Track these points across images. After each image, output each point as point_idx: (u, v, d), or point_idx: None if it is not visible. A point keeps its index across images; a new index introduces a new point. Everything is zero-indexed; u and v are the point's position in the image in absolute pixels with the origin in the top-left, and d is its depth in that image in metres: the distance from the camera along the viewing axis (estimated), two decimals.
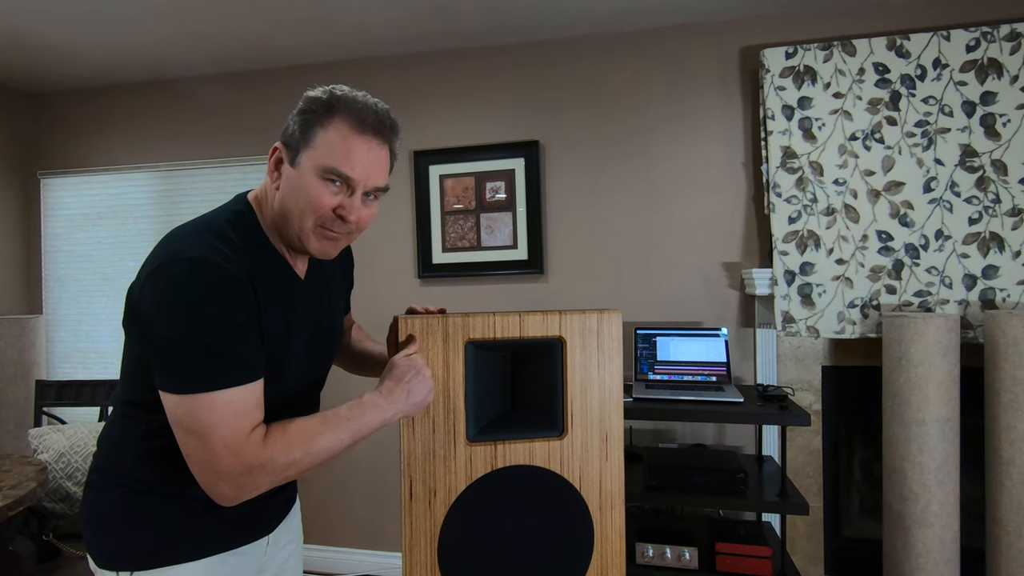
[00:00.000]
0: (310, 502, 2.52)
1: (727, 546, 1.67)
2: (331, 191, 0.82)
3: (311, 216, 0.82)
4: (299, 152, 0.82)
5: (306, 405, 0.99)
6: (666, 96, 2.21)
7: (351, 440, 0.85)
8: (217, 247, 0.79)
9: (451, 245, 2.37)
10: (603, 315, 1.03)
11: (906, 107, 1.90)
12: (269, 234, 0.88)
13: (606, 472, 1.04)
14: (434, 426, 0.97)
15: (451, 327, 0.97)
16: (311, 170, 0.81)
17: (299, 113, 0.84)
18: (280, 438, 0.80)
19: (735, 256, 2.16)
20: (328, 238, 0.85)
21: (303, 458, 0.80)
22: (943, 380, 1.69)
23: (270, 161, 0.86)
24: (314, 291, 0.96)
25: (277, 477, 0.79)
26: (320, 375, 1.02)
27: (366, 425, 0.86)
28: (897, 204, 1.90)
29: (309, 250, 0.86)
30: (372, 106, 0.85)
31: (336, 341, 1.05)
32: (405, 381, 0.89)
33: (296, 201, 0.82)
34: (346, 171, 0.81)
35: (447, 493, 0.97)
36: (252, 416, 0.79)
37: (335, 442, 0.83)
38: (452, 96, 2.39)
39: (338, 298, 1.06)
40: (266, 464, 0.78)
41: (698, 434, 2.17)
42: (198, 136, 2.63)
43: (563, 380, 1.02)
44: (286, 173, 0.84)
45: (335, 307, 1.04)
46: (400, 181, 2.44)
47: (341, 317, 1.08)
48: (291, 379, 0.91)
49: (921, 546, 1.70)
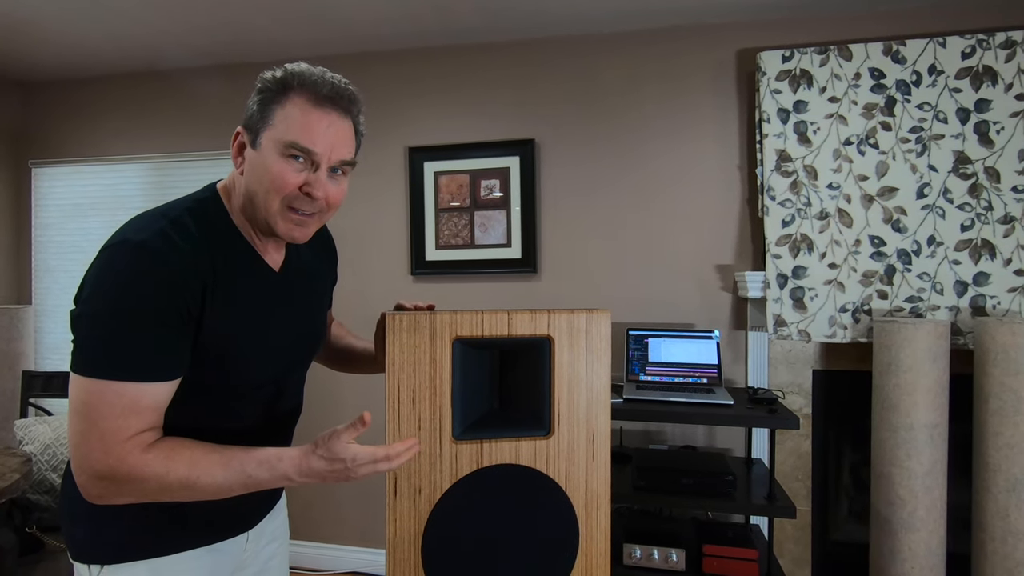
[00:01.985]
0: (297, 499, 2.51)
1: (714, 548, 1.67)
2: (294, 168, 0.79)
3: (276, 196, 0.79)
4: (259, 133, 0.80)
5: (285, 401, 0.96)
6: (661, 97, 2.21)
7: (242, 490, 0.79)
8: (168, 235, 0.75)
9: (445, 242, 2.36)
10: (591, 315, 1.03)
11: (901, 113, 1.91)
12: (239, 223, 0.85)
13: (592, 472, 1.04)
14: (420, 423, 0.96)
15: (439, 324, 0.96)
16: (272, 148, 0.78)
17: (256, 93, 0.81)
18: (163, 457, 0.75)
19: (728, 258, 2.16)
20: (296, 220, 0.82)
21: (180, 489, 0.75)
22: (932, 386, 1.70)
23: (233, 147, 0.83)
24: (290, 285, 0.93)
25: (144, 495, 0.75)
26: (299, 373, 0.99)
27: (264, 484, 0.80)
28: (890, 209, 1.91)
29: (278, 233, 0.82)
30: (329, 79, 0.82)
31: (317, 337, 1.01)
32: (333, 474, 0.81)
33: (260, 182, 0.79)
34: (306, 144, 0.78)
35: (432, 491, 0.97)
36: (142, 419, 0.74)
37: (223, 486, 0.77)
38: (447, 93, 2.38)
39: (321, 293, 1.03)
40: (133, 476, 0.73)
41: (688, 436, 2.17)
42: (191, 128, 2.61)
43: (550, 379, 1.01)
44: (249, 156, 0.81)
45: (316, 302, 1.00)
46: (394, 177, 2.43)
47: (323, 313, 1.04)
48: (265, 374, 0.88)
49: (907, 551, 1.71)
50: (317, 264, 1.03)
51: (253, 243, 0.86)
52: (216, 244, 0.81)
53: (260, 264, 0.87)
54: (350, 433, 0.80)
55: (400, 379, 0.95)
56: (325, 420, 2.49)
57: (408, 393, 0.95)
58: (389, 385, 0.93)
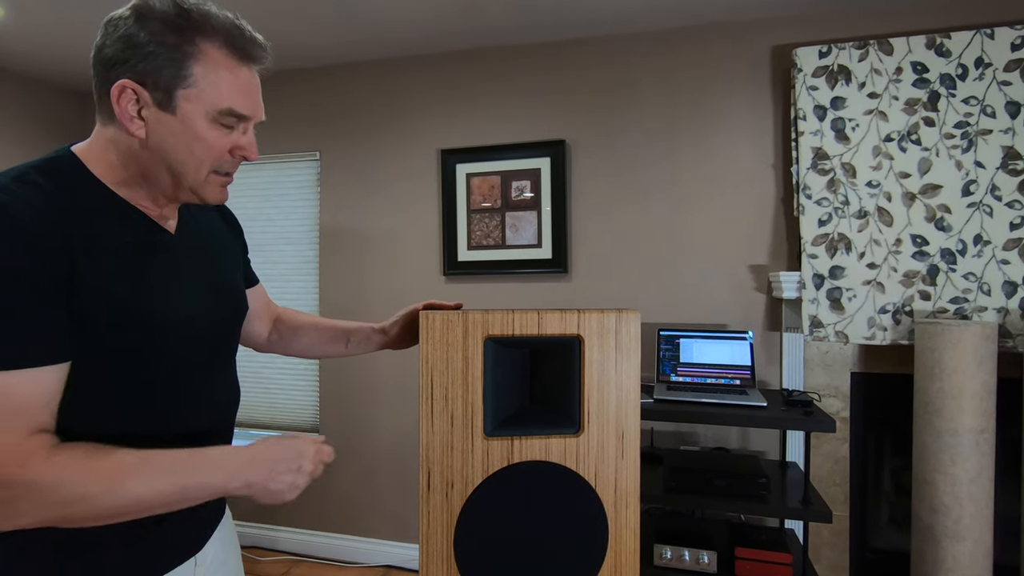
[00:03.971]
0: (336, 492, 2.58)
1: (747, 551, 1.66)
2: (224, 133, 0.72)
3: (207, 164, 0.72)
4: (172, 93, 0.67)
5: (218, 388, 0.86)
6: (694, 96, 2.19)
7: (179, 497, 0.66)
8: (12, 190, 0.63)
9: (476, 243, 2.39)
10: (621, 315, 1.04)
11: (945, 107, 1.85)
12: (112, 184, 0.72)
13: (621, 470, 1.04)
14: (452, 420, 0.99)
15: (471, 323, 0.99)
16: (201, 116, 0.69)
17: (148, 34, 0.66)
18: (74, 461, 0.61)
19: (762, 259, 2.12)
20: (223, 183, 0.77)
21: (102, 496, 0.61)
22: (978, 390, 1.64)
23: (121, 105, 0.67)
24: (192, 247, 0.83)
25: (54, 510, 0.60)
26: (226, 352, 0.89)
27: (202, 486, 0.68)
28: (933, 208, 1.85)
29: (207, 200, 0.75)
30: (240, 24, 0.72)
31: (237, 305, 0.92)
32: (281, 465, 0.73)
33: (189, 152, 0.70)
34: (246, 111, 0.72)
35: (464, 485, 0.99)
36: (25, 417, 0.60)
37: (152, 491, 0.64)
38: (478, 95, 2.42)
39: (232, 257, 0.95)
40: (41, 486, 0.58)
41: (721, 438, 2.15)
42: None
43: (580, 378, 1.03)
44: (160, 120, 0.68)
45: (229, 266, 0.93)
46: (427, 179, 2.47)
47: (238, 279, 0.96)
48: (187, 349, 0.77)
49: (951, 560, 1.65)
50: (213, 223, 0.93)
51: (138, 204, 0.74)
52: (82, 202, 0.68)
53: (149, 225, 0.75)
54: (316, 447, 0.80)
55: (433, 376, 0.98)
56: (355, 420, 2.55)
57: (441, 390, 0.98)
58: (423, 382, 0.96)
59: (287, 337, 1.13)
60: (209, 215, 0.92)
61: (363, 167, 2.55)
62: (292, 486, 0.74)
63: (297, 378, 2.66)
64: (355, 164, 2.56)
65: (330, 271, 2.60)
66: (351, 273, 2.58)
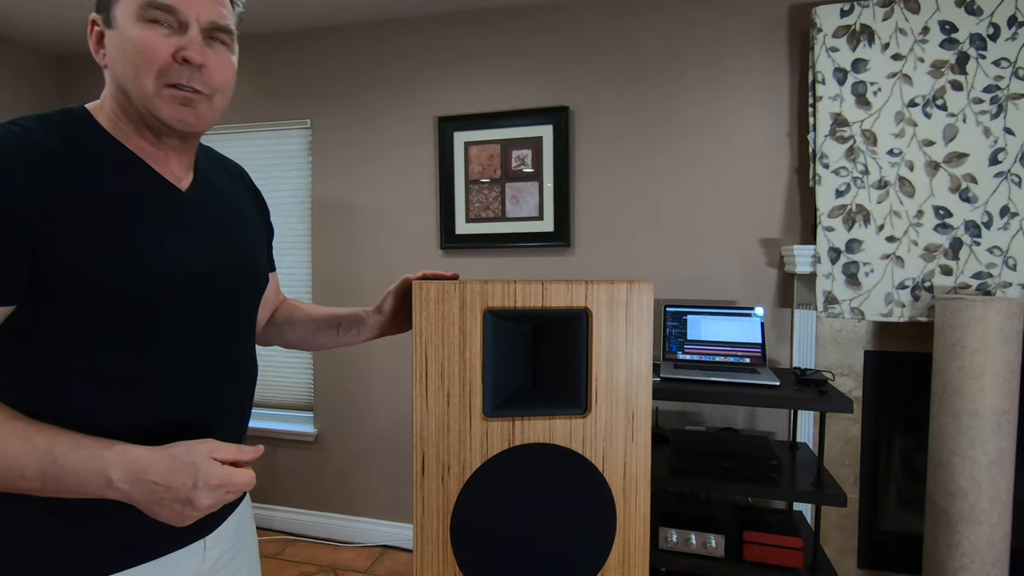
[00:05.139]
0: (332, 472, 2.53)
1: (756, 535, 1.60)
2: (160, 34, 0.67)
3: (148, 71, 0.66)
4: (110, 8, 0.68)
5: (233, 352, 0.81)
6: (705, 60, 2.07)
7: (38, 480, 0.60)
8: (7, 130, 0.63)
9: (475, 215, 2.29)
10: (632, 286, 0.95)
11: (974, 70, 1.73)
12: (120, 136, 0.71)
13: (631, 453, 0.97)
14: (448, 399, 0.91)
15: (468, 294, 0.90)
16: (131, 19, 0.66)
17: None
18: None
19: (774, 232, 2.03)
20: (181, 98, 0.68)
21: None
22: (1001, 370, 1.56)
23: (91, 40, 0.71)
24: (204, 206, 0.79)
25: None
26: (233, 307, 0.81)
27: (69, 477, 0.61)
28: (958, 177, 1.75)
29: (163, 119, 0.69)
30: None
31: (253, 274, 0.86)
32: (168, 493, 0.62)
33: (126, 60, 0.67)
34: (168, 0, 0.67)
35: (461, 469, 0.92)
36: None
37: (13, 464, 0.59)
38: (477, 60, 2.29)
39: (252, 227, 0.89)
40: None
41: (728, 418, 2.08)
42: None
43: (587, 354, 0.95)
44: (110, 40, 0.69)
45: (248, 234, 0.87)
46: (423, 148, 2.36)
47: (259, 252, 0.90)
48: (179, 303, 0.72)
49: (967, 544, 1.59)
50: (238, 195, 0.89)
51: (143, 155, 0.72)
52: (75, 148, 0.67)
53: (155, 179, 0.73)
54: (228, 451, 0.66)
55: (428, 352, 0.89)
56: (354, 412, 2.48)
57: (436, 367, 0.90)
58: (416, 358, 0.88)
59: (281, 326, 1.05)
60: (235, 187, 0.89)
61: (356, 136, 2.44)
62: (180, 516, 0.64)
63: (291, 355, 2.58)
64: (348, 132, 2.45)
65: (322, 245, 2.50)
66: (344, 247, 2.48)
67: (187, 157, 0.78)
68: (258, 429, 2.56)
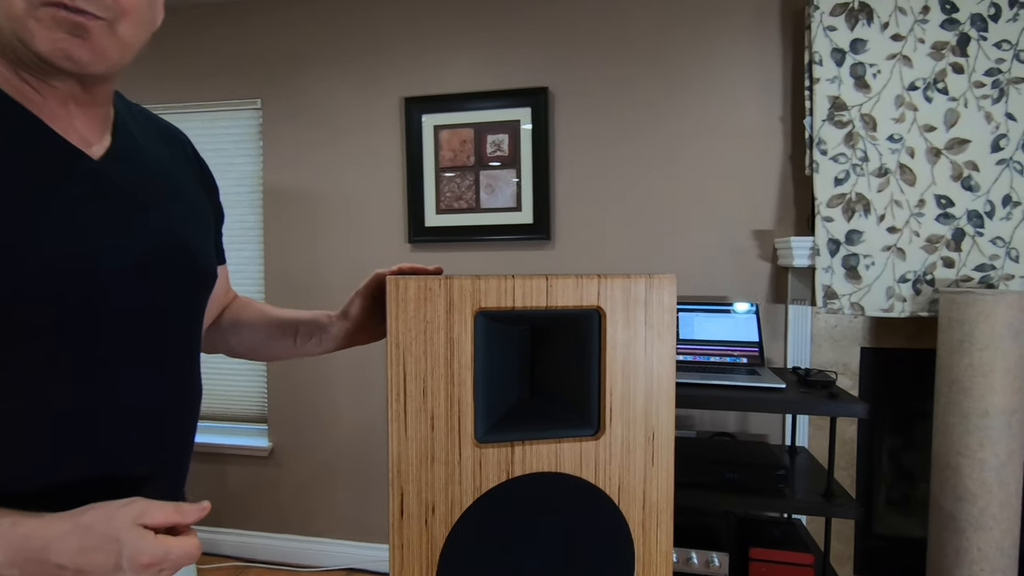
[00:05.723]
0: (289, 489, 2.29)
1: (761, 551, 1.47)
2: None
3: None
4: None
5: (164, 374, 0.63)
6: (694, 40, 1.94)
7: None
8: None
9: (446, 206, 2.10)
10: (652, 280, 0.79)
11: (975, 52, 1.65)
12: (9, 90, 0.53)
13: (652, 480, 0.81)
14: (432, 422, 0.73)
15: (457, 292, 0.72)
16: None
17: None
18: None
19: (767, 223, 1.91)
20: (66, 22, 0.49)
21: None
22: (1011, 367, 1.48)
23: None
24: (125, 179, 0.60)
25: None
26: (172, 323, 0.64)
27: None
28: (960, 165, 1.67)
29: (39, 51, 0.50)
30: None
31: (198, 271, 0.69)
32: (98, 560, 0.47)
33: None
34: None
35: (449, 509, 0.74)
36: None
37: None
38: (449, 34, 2.10)
39: (195, 213, 0.71)
40: None
41: (719, 422, 1.96)
42: (148, 78, 2.31)
43: (600, 363, 0.78)
44: None
45: (188, 220, 0.68)
46: (389, 132, 2.15)
47: (203, 241, 0.71)
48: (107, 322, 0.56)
49: (976, 551, 1.51)
50: (178, 168, 0.70)
51: (33, 108, 0.54)
52: None
53: (49, 138, 0.54)
54: (163, 514, 0.50)
55: (406, 364, 0.71)
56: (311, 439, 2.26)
57: (417, 383, 0.72)
58: (392, 372, 0.70)
59: (226, 330, 0.86)
60: (175, 157, 0.71)
61: (313, 118, 2.20)
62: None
63: (239, 361, 2.33)
64: (304, 114, 2.21)
65: (276, 239, 2.26)
66: (301, 241, 2.24)
67: (97, 113, 0.60)
68: (202, 445, 2.30)
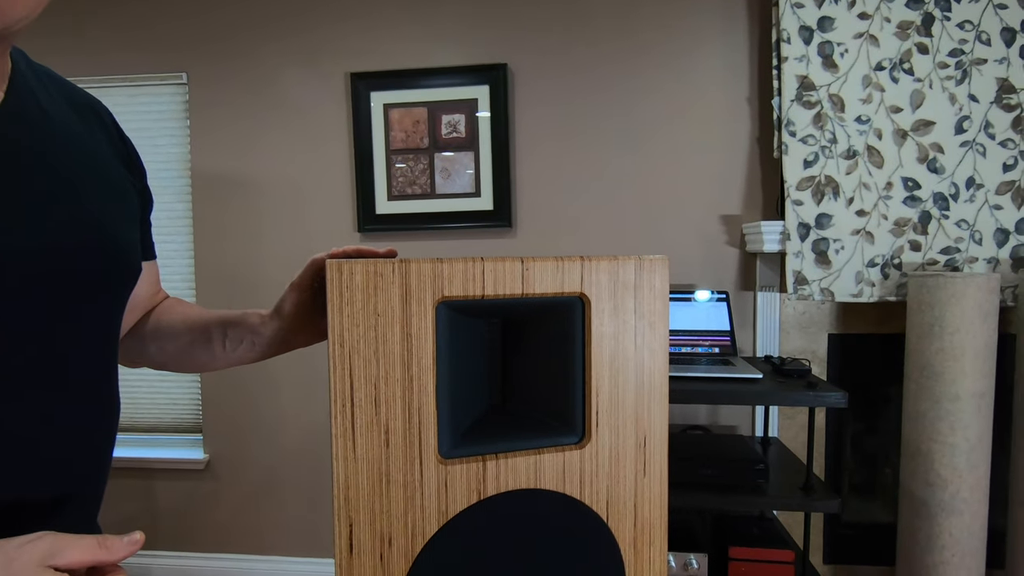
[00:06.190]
0: (228, 504, 2.09)
1: (741, 550, 1.41)
2: None
3: None
4: None
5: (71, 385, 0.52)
6: (659, 17, 1.85)
7: None
8: None
9: (399, 192, 1.95)
10: (643, 263, 0.68)
11: (939, 32, 1.63)
12: None
13: (643, 493, 0.71)
14: (387, 437, 0.60)
15: (414, 278, 0.59)
16: None
17: None
18: None
19: (734, 208, 1.86)
20: None
21: None
22: (981, 349, 1.47)
23: None
24: (24, 149, 0.49)
25: None
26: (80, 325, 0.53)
27: None
28: (926, 147, 1.65)
29: None
30: None
31: (115, 263, 0.56)
32: None
33: None
34: None
35: (409, 540, 0.62)
36: None
37: None
38: (400, 6, 1.93)
39: (114, 190, 0.57)
40: None
41: (689, 414, 1.89)
42: (71, 51, 2.04)
43: (584, 360, 0.68)
44: None
45: (104, 200, 0.55)
46: (334, 111, 1.97)
47: (124, 225, 0.58)
48: None
49: (948, 537, 1.50)
50: (92, 140, 0.57)
51: None
52: None
53: None
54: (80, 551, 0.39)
55: (353, 368, 0.58)
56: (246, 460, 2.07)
57: (367, 390, 0.59)
58: (336, 379, 0.56)
59: (146, 338, 0.71)
60: (89, 128, 0.58)
61: (248, 95, 2.00)
62: None
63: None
64: (237, 91, 2.00)
65: (208, 229, 2.05)
66: (237, 232, 2.04)
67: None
68: (127, 460, 2.06)
